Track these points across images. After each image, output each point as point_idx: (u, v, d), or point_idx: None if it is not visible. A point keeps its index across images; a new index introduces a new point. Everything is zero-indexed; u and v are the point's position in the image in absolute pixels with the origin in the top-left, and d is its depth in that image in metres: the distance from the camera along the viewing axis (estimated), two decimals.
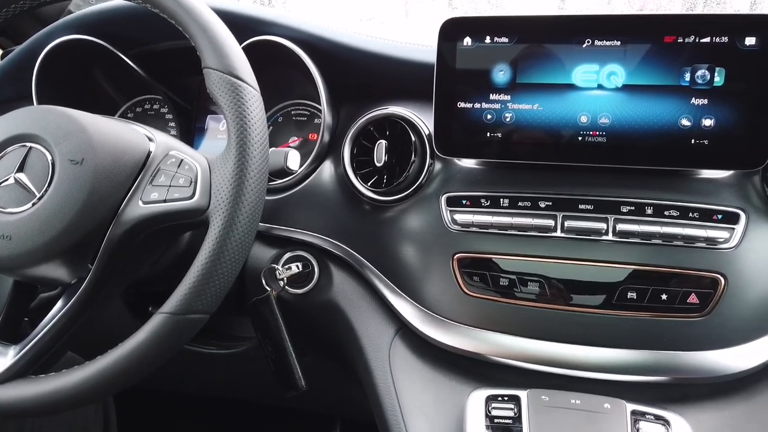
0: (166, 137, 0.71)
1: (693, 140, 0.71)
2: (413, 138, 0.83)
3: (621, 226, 0.73)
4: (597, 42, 0.72)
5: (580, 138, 0.74)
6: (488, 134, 0.77)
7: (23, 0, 0.74)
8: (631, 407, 0.69)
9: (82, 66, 1.03)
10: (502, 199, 0.78)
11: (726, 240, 0.71)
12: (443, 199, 0.80)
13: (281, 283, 0.87)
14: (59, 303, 0.66)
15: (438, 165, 0.84)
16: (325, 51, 0.89)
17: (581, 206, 0.75)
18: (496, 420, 0.69)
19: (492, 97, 0.76)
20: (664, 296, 0.71)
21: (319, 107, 0.89)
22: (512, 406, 0.70)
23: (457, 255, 0.78)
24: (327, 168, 0.90)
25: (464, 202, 0.79)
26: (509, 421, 0.69)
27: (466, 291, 0.77)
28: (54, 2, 0.77)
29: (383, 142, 0.83)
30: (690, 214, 0.72)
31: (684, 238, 0.71)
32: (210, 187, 0.62)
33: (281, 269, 0.87)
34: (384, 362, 0.81)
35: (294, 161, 0.81)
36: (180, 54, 0.89)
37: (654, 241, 0.72)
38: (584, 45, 0.72)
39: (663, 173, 0.75)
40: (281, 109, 1.02)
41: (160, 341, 0.59)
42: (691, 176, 0.75)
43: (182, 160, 0.65)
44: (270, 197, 0.90)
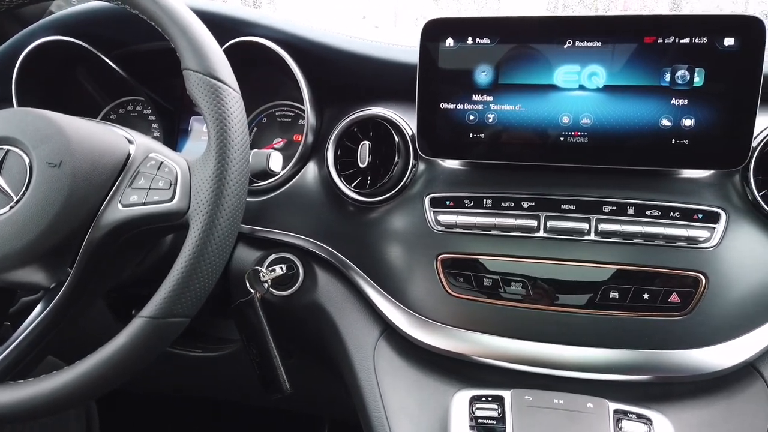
0: (146, 139, 0.71)
1: (673, 140, 0.71)
2: (397, 139, 0.83)
3: (603, 226, 0.73)
4: (578, 43, 0.72)
5: (562, 138, 0.74)
6: (471, 135, 0.77)
7: (3, 1, 0.73)
8: (614, 406, 0.69)
9: (64, 67, 1.02)
10: (485, 200, 0.78)
11: (707, 239, 0.71)
12: (427, 200, 0.80)
13: (265, 285, 0.87)
14: (38, 307, 0.66)
15: (422, 166, 0.84)
16: (309, 52, 0.89)
17: (563, 206, 0.75)
18: (480, 420, 0.69)
19: (474, 98, 0.76)
20: (646, 295, 0.72)
21: (304, 108, 0.89)
22: (496, 407, 0.70)
23: (441, 256, 0.78)
24: (311, 169, 0.90)
25: (448, 203, 0.79)
26: (493, 422, 0.69)
27: (450, 292, 0.77)
28: (35, 2, 0.76)
29: (367, 143, 0.83)
30: (671, 214, 0.73)
31: (665, 238, 0.72)
32: (190, 190, 0.62)
33: (265, 271, 0.87)
34: (368, 363, 0.80)
35: (276, 163, 0.80)
36: (163, 55, 0.88)
37: (636, 241, 0.73)
38: (565, 46, 0.73)
39: (644, 173, 0.75)
40: (265, 111, 1.02)
41: (140, 345, 0.58)
42: (672, 176, 0.75)
43: (162, 163, 0.65)
44: (254, 199, 0.90)
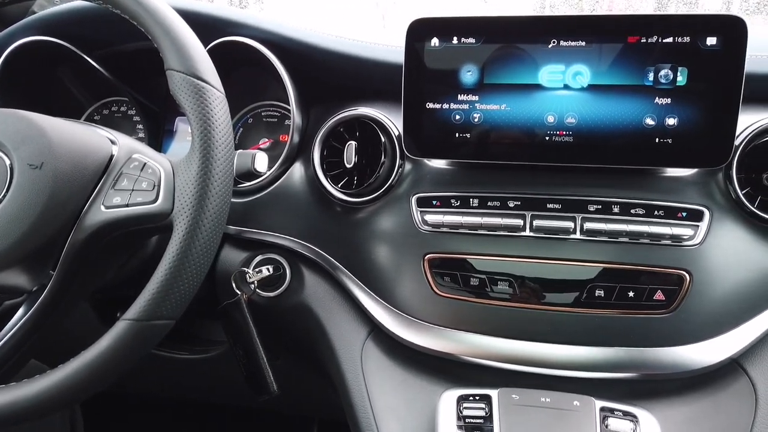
0: (130, 140, 0.70)
1: (657, 139, 0.72)
2: (383, 139, 0.83)
3: (588, 225, 0.73)
4: (562, 42, 0.72)
5: (548, 138, 0.75)
6: (457, 135, 0.77)
7: None
8: (600, 404, 0.70)
9: (46, 68, 1.01)
10: (472, 199, 0.78)
11: (690, 237, 0.72)
12: (413, 200, 0.80)
13: (252, 287, 0.86)
14: (20, 311, 0.65)
15: (408, 166, 0.83)
16: (294, 52, 0.89)
17: (549, 205, 0.75)
18: (468, 420, 0.69)
19: (460, 98, 0.77)
20: (632, 293, 0.72)
21: (290, 109, 0.88)
22: (483, 406, 0.70)
23: (428, 255, 0.78)
24: (297, 170, 0.89)
25: (434, 203, 0.79)
26: (480, 421, 0.69)
27: (437, 291, 0.77)
28: (17, 2, 0.76)
29: (353, 143, 0.83)
30: (655, 212, 0.73)
31: (650, 236, 0.72)
32: (174, 191, 0.61)
33: (252, 272, 0.86)
34: (356, 364, 0.80)
35: (261, 163, 0.80)
36: (147, 55, 0.87)
37: (621, 239, 0.73)
38: (550, 45, 0.73)
39: (629, 172, 0.75)
40: (251, 111, 1.01)
41: (124, 348, 0.58)
42: (656, 174, 0.76)
43: (145, 164, 0.64)
44: (240, 200, 0.89)
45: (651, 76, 0.71)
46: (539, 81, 0.74)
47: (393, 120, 0.84)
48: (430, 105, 0.78)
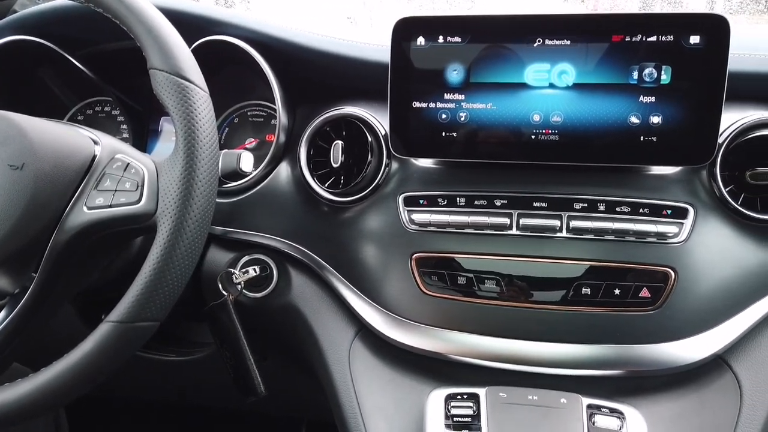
0: (113, 140, 0.69)
1: (642, 137, 0.72)
2: (369, 138, 0.82)
3: (574, 223, 0.74)
4: (548, 41, 0.73)
5: (534, 136, 0.75)
6: (443, 134, 0.77)
7: None
8: (587, 401, 0.70)
9: (28, 67, 1.00)
10: (459, 198, 0.78)
11: (675, 234, 0.73)
12: (400, 199, 0.80)
13: (239, 287, 0.86)
14: (1, 314, 0.64)
15: (395, 165, 0.83)
16: (280, 51, 0.88)
17: (535, 204, 0.76)
18: (456, 418, 0.69)
19: (446, 97, 0.76)
20: (618, 291, 0.72)
21: (276, 108, 0.88)
22: (471, 404, 0.70)
23: (415, 255, 0.78)
24: (284, 169, 0.89)
25: (421, 202, 0.79)
26: (468, 419, 0.69)
27: (425, 291, 0.77)
28: None
29: (339, 143, 0.83)
30: (641, 210, 0.74)
31: (635, 234, 0.73)
32: (157, 191, 0.61)
33: (238, 273, 0.86)
34: (344, 364, 0.80)
35: (247, 163, 0.79)
36: (131, 54, 0.86)
37: (607, 237, 0.73)
38: (535, 44, 0.73)
39: (614, 170, 0.76)
40: (237, 110, 1.01)
41: (108, 350, 0.57)
42: (642, 172, 0.76)
43: (128, 164, 0.64)
44: (226, 200, 0.89)
45: (635, 75, 0.71)
46: (525, 80, 0.74)
47: (379, 119, 0.84)
48: (417, 104, 0.77)
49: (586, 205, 0.75)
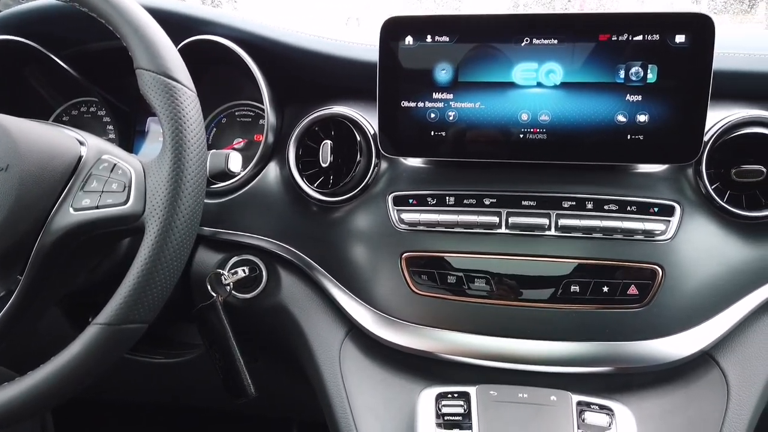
0: (99, 141, 0.69)
1: (629, 135, 0.73)
2: (359, 138, 0.82)
3: (563, 221, 0.74)
4: (535, 40, 0.73)
5: (522, 135, 0.75)
6: (432, 133, 0.77)
7: None
8: (577, 398, 0.70)
9: (12, 68, 0.99)
10: (448, 197, 0.78)
11: (662, 232, 0.73)
12: (390, 199, 0.80)
13: (228, 288, 0.85)
14: None
15: (384, 164, 0.83)
16: (268, 50, 0.88)
17: (524, 202, 0.76)
18: (447, 417, 0.69)
19: (435, 96, 0.77)
20: (606, 288, 0.73)
21: (264, 108, 0.87)
22: (462, 403, 0.71)
23: (405, 254, 0.78)
24: (272, 169, 0.88)
25: (411, 201, 0.79)
26: (459, 418, 0.69)
27: (415, 290, 0.77)
28: None
29: (328, 143, 0.82)
30: (628, 208, 0.74)
31: (623, 232, 0.73)
32: (145, 192, 0.60)
33: (227, 274, 0.85)
34: (334, 364, 0.80)
35: (235, 163, 0.79)
36: (117, 54, 0.86)
37: (595, 235, 0.74)
38: (523, 44, 0.73)
39: (602, 168, 0.76)
40: (225, 110, 1.00)
41: (96, 353, 0.57)
42: (629, 171, 0.77)
43: (115, 165, 0.63)
44: (214, 200, 0.88)
45: (622, 74, 0.72)
46: (513, 79, 0.74)
47: (368, 119, 0.83)
48: (405, 103, 0.77)
49: (575, 204, 0.75)
